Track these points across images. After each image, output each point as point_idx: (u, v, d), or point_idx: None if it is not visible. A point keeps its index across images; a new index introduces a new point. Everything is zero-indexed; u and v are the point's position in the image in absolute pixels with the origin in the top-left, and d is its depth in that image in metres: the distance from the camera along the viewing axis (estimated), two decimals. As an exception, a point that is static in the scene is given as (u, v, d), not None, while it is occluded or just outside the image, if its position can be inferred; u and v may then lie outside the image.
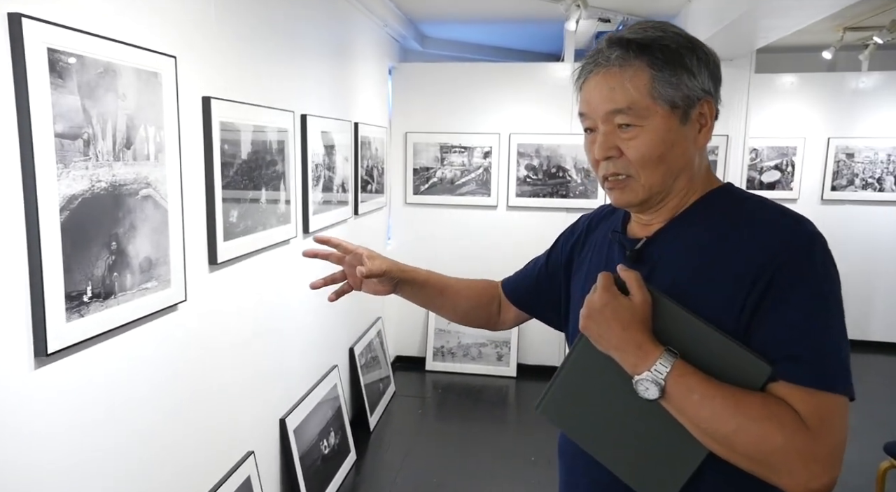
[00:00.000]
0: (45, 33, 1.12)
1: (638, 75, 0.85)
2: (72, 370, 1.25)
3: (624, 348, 0.83)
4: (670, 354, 0.80)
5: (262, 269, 2.14)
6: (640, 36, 0.86)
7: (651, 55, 0.84)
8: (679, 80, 0.84)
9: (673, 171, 0.87)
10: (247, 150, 1.96)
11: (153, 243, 1.47)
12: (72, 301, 1.21)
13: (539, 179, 4.11)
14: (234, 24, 1.88)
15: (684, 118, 0.86)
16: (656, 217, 0.92)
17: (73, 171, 1.20)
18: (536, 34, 4.62)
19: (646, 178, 0.87)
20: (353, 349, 3.29)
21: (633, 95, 0.85)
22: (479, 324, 1.27)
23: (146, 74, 1.42)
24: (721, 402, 0.77)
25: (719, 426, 0.77)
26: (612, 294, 0.85)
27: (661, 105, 0.85)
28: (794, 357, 0.77)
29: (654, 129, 0.85)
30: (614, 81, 0.86)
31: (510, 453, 3.14)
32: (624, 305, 0.84)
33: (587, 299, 0.87)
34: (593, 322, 0.86)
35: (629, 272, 0.86)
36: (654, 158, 0.86)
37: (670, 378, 0.79)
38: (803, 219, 0.85)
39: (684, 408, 0.79)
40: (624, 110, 0.85)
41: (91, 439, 1.31)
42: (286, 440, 2.35)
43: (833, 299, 0.79)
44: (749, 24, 2.84)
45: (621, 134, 0.87)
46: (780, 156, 4.65)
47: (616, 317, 0.83)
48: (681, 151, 0.87)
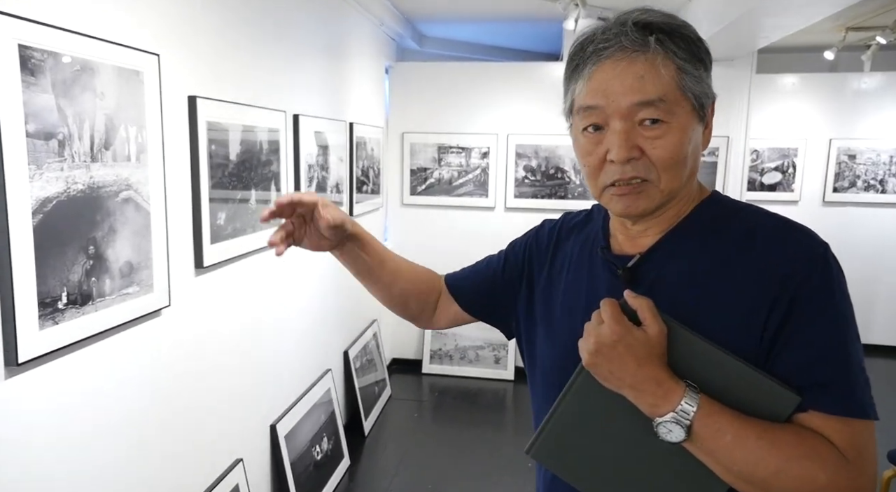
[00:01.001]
0: (15, 29, 1.07)
1: (666, 64, 0.73)
2: (47, 380, 1.20)
3: (640, 388, 0.72)
4: (693, 391, 0.71)
5: (252, 272, 2.09)
6: (663, 22, 0.74)
7: (675, 44, 0.73)
8: (700, 75, 0.75)
9: (690, 172, 0.77)
10: (235, 150, 1.91)
11: (134, 247, 1.42)
12: (45, 308, 1.16)
13: (537, 180, 4.06)
14: (222, 21, 1.84)
15: (702, 118, 0.77)
16: (649, 229, 0.81)
17: (46, 172, 1.15)
18: (535, 34, 4.57)
19: (666, 182, 0.75)
20: (347, 353, 3.24)
21: (665, 87, 0.73)
22: (409, 313, 1.12)
23: (127, 73, 1.38)
24: (756, 443, 0.68)
25: (756, 470, 0.68)
26: (626, 327, 0.73)
27: (687, 100, 0.74)
28: (824, 384, 0.70)
29: (681, 126, 0.74)
30: (643, 69, 0.73)
31: (507, 459, 3.09)
32: (639, 338, 0.72)
33: (594, 333, 0.74)
34: (603, 359, 0.74)
35: (641, 300, 0.74)
36: (680, 160, 0.75)
37: (697, 418, 0.70)
38: (810, 230, 0.77)
39: (715, 451, 0.70)
40: (655, 103, 0.73)
41: (70, 451, 1.27)
42: (277, 447, 2.30)
43: (852, 316, 0.73)
44: (750, 23, 2.79)
45: (643, 132, 0.74)
46: (782, 157, 4.60)
47: (631, 352, 0.72)
48: (697, 154, 0.78)
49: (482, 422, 3.57)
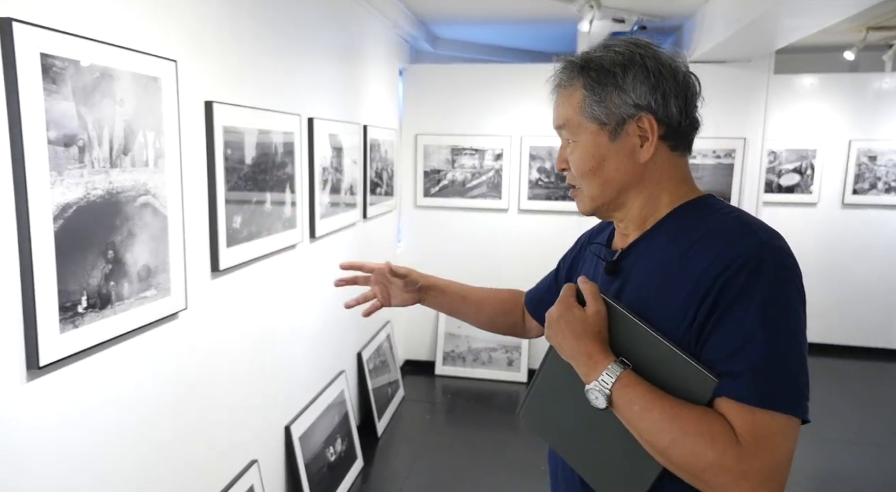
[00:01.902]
0: (37, 38, 1.09)
1: (574, 95, 0.92)
2: (67, 382, 1.22)
3: (576, 358, 0.87)
4: (619, 365, 0.83)
5: (267, 275, 2.11)
6: (580, 57, 0.92)
7: (586, 75, 0.90)
8: (606, 99, 0.88)
9: (612, 183, 0.91)
10: (251, 154, 1.93)
11: (152, 251, 1.44)
12: (66, 312, 1.18)
13: (551, 182, 4.05)
14: (238, 27, 1.85)
15: (614, 134, 0.89)
16: (630, 229, 0.95)
17: (67, 178, 1.17)
18: (549, 35, 4.55)
19: (586, 189, 0.93)
20: (360, 354, 3.25)
21: (568, 113, 0.92)
22: (505, 331, 1.32)
23: (145, 79, 1.39)
24: (658, 414, 0.78)
25: (656, 439, 0.79)
26: (567, 305, 0.90)
27: (590, 122, 0.90)
28: (734, 373, 0.77)
29: (584, 144, 0.91)
30: (558, 100, 0.95)
31: (520, 462, 3.09)
32: (577, 315, 0.88)
33: (548, 310, 0.92)
34: (552, 331, 0.91)
35: (587, 283, 0.90)
36: (587, 171, 0.91)
37: (615, 388, 0.82)
38: (762, 232, 0.83)
39: (628, 418, 0.82)
40: (563, 126, 0.94)
41: (89, 452, 1.29)
42: (291, 448, 2.32)
43: (781, 317, 0.78)
44: (769, 24, 2.76)
45: (567, 149, 0.94)
46: (800, 159, 4.54)
47: (569, 327, 0.88)
48: (615, 166, 0.90)
49: (495, 424, 3.56)
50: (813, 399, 0.79)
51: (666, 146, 0.90)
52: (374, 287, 1.30)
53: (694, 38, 3.70)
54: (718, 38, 3.18)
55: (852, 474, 3.03)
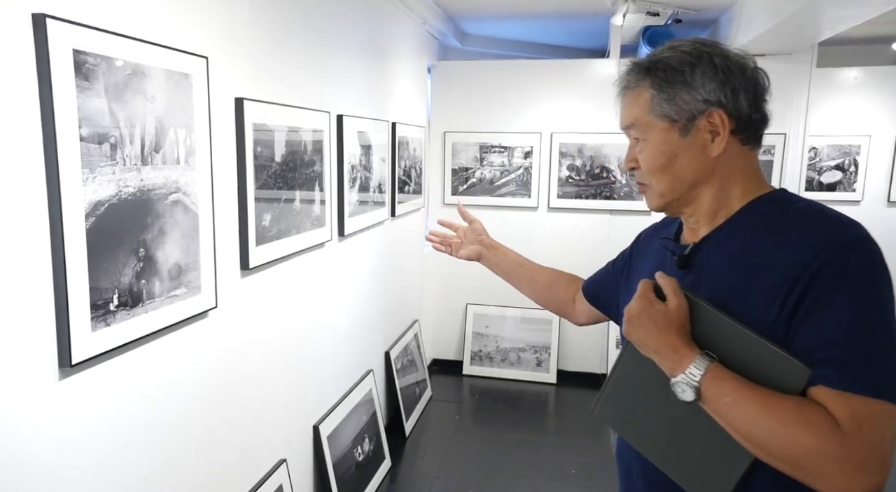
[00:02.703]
0: (70, 34, 1.08)
1: (641, 95, 0.94)
2: (98, 381, 1.21)
3: (661, 352, 0.87)
4: (706, 358, 0.83)
5: (295, 273, 2.10)
6: (647, 59, 0.95)
7: (654, 75, 0.93)
8: (675, 97, 0.91)
9: (683, 179, 0.93)
10: (280, 152, 1.91)
11: (183, 249, 1.43)
12: (97, 310, 1.17)
13: (582, 180, 3.97)
14: (268, 23, 1.84)
15: (685, 131, 0.91)
16: (700, 224, 0.96)
17: (99, 176, 1.16)
18: (580, 29, 4.47)
19: (657, 185, 0.95)
20: (388, 353, 3.23)
21: (637, 113, 0.95)
22: (553, 308, 1.40)
23: (177, 76, 1.39)
24: (754, 405, 0.78)
25: (752, 430, 0.79)
26: (648, 300, 0.90)
27: (659, 120, 0.93)
28: (830, 360, 0.77)
29: (654, 142, 0.94)
30: (626, 101, 0.98)
31: (549, 465, 3.03)
32: (659, 310, 0.88)
33: (627, 307, 0.93)
34: (633, 327, 0.91)
35: (666, 279, 0.91)
36: (657, 168, 0.94)
37: (704, 381, 0.82)
38: (849, 222, 0.84)
39: (719, 411, 0.82)
40: (631, 126, 0.97)
41: (119, 450, 1.28)
42: (319, 448, 2.31)
43: (875, 304, 0.78)
44: (812, 14, 2.65)
45: (636, 148, 0.97)
46: (843, 155, 4.38)
47: (652, 322, 0.88)
48: (686, 161, 0.92)
49: (524, 425, 3.51)
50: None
51: (737, 140, 0.92)
52: (452, 239, 1.51)
53: (732, 31, 3.59)
54: (758, 31, 3.07)
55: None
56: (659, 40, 4.08)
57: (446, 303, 4.24)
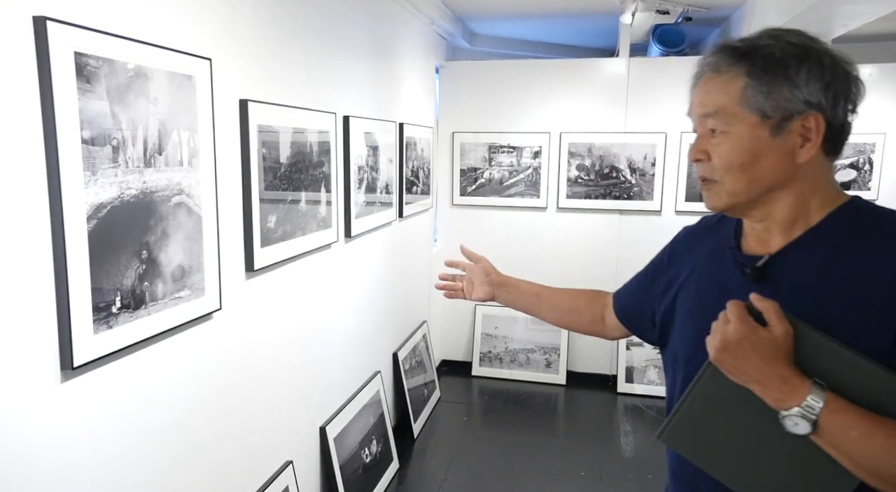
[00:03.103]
0: (72, 37, 1.08)
1: (732, 82, 0.85)
2: (101, 383, 1.21)
3: (766, 383, 0.79)
4: (819, 388, 0.77)
5: (301, 275, 2.09)
6: (744, 43, 0.86)
7: (751, 62, 0.83)
8: (775, 90, 0.82)
9: (762, 182, 0.85)
10: (286, 153, 1.91)
11: (186, 251, 1.43)
12: (99, 312, 1.17)
13: (591, 180, 3.94)
14: (273, 25, 1.84)
15: (777, 130, 0.83)
16: (773, 233, 0.89)
17: (101, 178, 1.16)
18: (589, 28, 4.44)
19: (729, 184, 0.86)
20: (396, 355, 3.23)
21: (723, 101, 0.85)
22: (583, 329, 1.31)
23: (180, 78, 1.38)
24: (884, 440, 0.73)
25: (883, 465, 0.74)
26: (751, 327, 0.80)
27: (750, 113, 0.84)
28: None
29: (739, 136, 0.85)
30: (710, 86, 0.87)
31: (559, 467, 3.01)
32: (764, 337, 0.79)
33: (720, 331, 0.82)
34: (729, 355, 0.81)
35: (767, 302, 0.81)
36: (736, 166, 0.85)
37: (823, 414, 0.76)
38: None
39: (841, 445, 0.76)
40: (712, 115, 0.87)
41: (123, 453, 1.28)
42: (326, 449, 2.30)
43: None
44: (825, 11, 2.60)
45: (711, 139, 0.87)
46: (857, 153, 4.31)
47: (756, 350, 0.79)
48: (770, 163, 0.84)
49: (533, 427, 3.49)
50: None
51: (822, 149, 0.85)
52: (462, 280, 1.40)
53: (743, 29, 3.55)
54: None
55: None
56: (669, 39, 4.04)
57: (455, 304, 4.22)
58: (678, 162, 3.80)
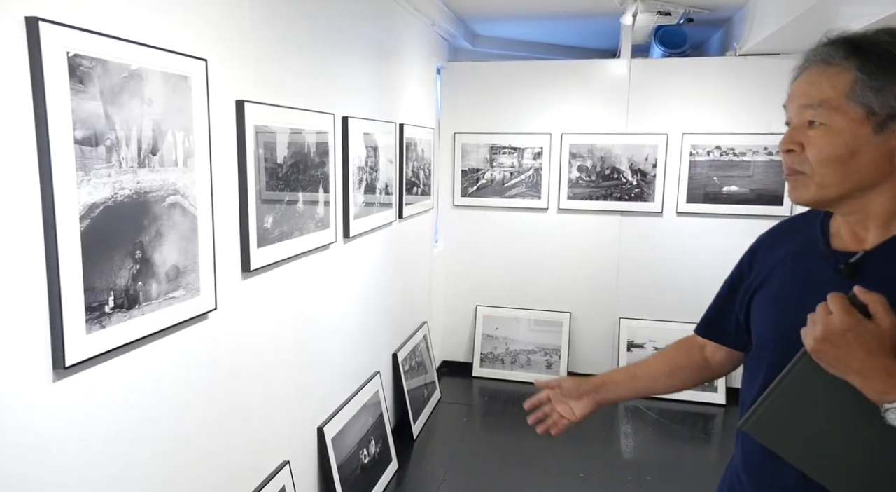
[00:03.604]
0: (64, 37, 1.09)
1: (841, 75, 0.85)
2: (94, 383, 1.22)
3: (869, 375, 0.79)
4: None
5: (299, 275, 2.10)
6: (858, 36, 0.86)
7: (864, 58, 0.83)
8: (886, 88, 0.82)
9: (855, 177, 0.85)
10: (283, 153, 1.91)
11: (181, 251, 1.43)
12: (92, 312, 1.18)
13: (592, 181, 3.94)
14: (271, 25, 1.84)
15: (881, 127, 0.83)
16: (869, 229, 0.89)
17: (94, 178, 1.17)
18: (591, 30, 4.43)
19: (821, 177, 0.86)
20: (396, 355, 3.23)
21: (829, 93, 0.85)
22: (692, 381, 1.27)
23: (175, 78, 1.39)
24: None
25: None
26: (856, 319, 0.79)
27: (856, 108, 0.84)
28: None
29: (839, 130, 0.84)
30: (815, 77, 0.87)
31: (558, 468, 3.00)
32: (871, 330, 0.79)
33: (822, 322, 0.81)
34: (831, 346, 0.81)
35: (872, 295, 0.80)
36: (832, 159, 0.85)
37: None
38: None
39: None
40: (814, 106, 0.86)
41: (116, 453, 1.29)
42: (324, 449, 2.30)
43: None
44: (827, 12, 2.59)
45: (809, 131, 0.87)
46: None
47: (860, 342, 0.79)
48: (867, 160, 0.84)
49: (533, 429, 3.46)
50: None
51: None
52: (557, 406, 1.34)
53: (745, 30, 3.54)
54: (772, 29, 3.01)
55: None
56: (671, 40, 4.03)
57: (456, 305, 4.23)
58: (679, 163, 3.79)
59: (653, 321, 3.91)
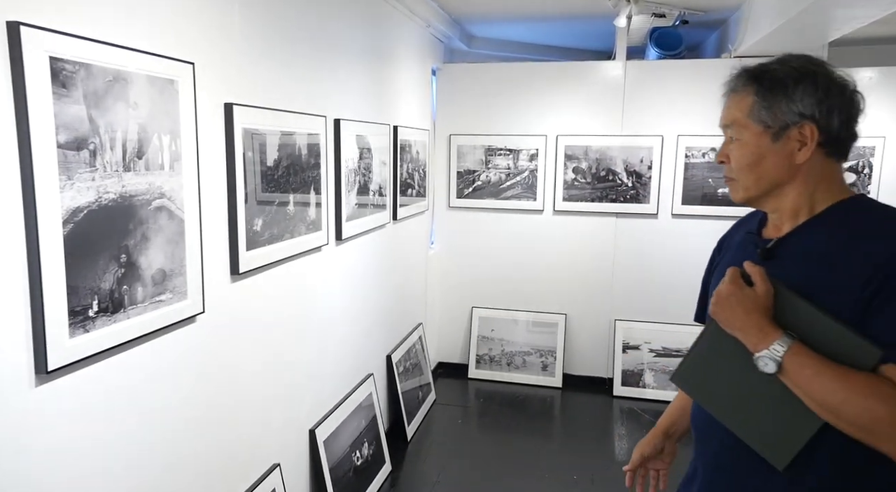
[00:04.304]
0: (46, 42, 1.09)
1: (744, 99, 1.06)
2: (78, 387, 1.22)
3: (746, 330, 0.99)
4: (788, 336, 0.96)
5: (290, 278, 2.10)
6: (755, 67, 1.06)
7: (759, 83, 1.04)
8: (775, 105, 1.02)
9: (766, 179, 1.05)
10: (273, 156, 1.91)
11: (167, 254, 1.43)
12: (76, 316, 1.18)
13: (587, 183, 3.93)
14: (261, 27, 1.84)
15: (777, 137, 1.02)
16: (783, 221, 1.08)
17: (77, 182, 1.17)
18: (587, 31, 4.43)
19: (742, 181, 1.07)
20: (390, 357, 3.23)
21: (736, 115, 1.07)
22: None
23: (161, 82, 1.39)
24: (830, 377, 0.91)
25: (828, 398, 0.92)
26: (738, 285, 1.02)
27: (755, 124, 1.04)
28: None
29: (747, 143, 1.05)
30: (729, 102, 1.09)
31: (552, 470, 3.00)
32: (748, 294, 1.01)
33: (716, 290, 1.05)
34: (720, 308, 1.03)
35: (754, 267, 1.03)
36: (745, 166, 1.06)
37: (787, 356, 0.95)
38: None
39: (798, 381, 0.94)
40: (730, 126, 1.08)
41: (101, 458, 1.28)
42: (316, 452, 2.30)
43: None
44: (819, 14, 2.59)
45: (730, 146, 1.08)
46: (856, 157, 4.28)
47: (740, 304, 1.00)
48: (772, 164, 1.04)
49: (528, 430, 3.48)
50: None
51: (822, 152, 1.02)
52: (653, 467, 1.36)
53: (740, 32, 3.53)
54: (765, 31, 3.01)
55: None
56: (666, 42, 4.03)
57: (452, 306, 4.23)
58: (675, 165, 3.78)
59: (648, 323, 3.91)
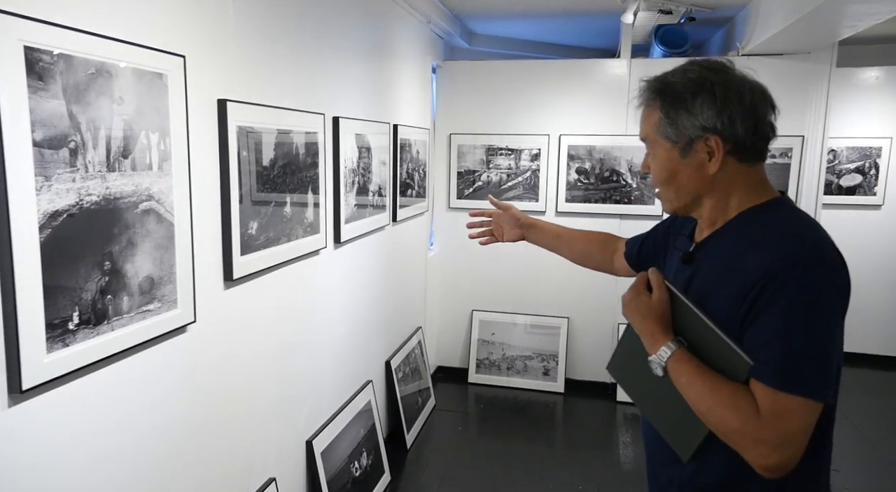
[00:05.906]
0: (21, 29, 0.99)
1: (653, 114, 1.07)
2: (57, 406, 1.12)
3: (643, 334, 1.08)
4: (675, 343, 1.03)
5: (287, 283, 2.00)
6: (660, 81, 1.06)
7: (662, 98, 1.05)
8: (677, 122, 1.03)
9: (685, 191, 1.07)
10: (269, 156, 1.82)
11: (156, 261, 1.34)
12: (54, 330, 1.08)
13: (591, 184, 3.85)
14: (256, 20, 1.74)
15: (684, 151, 1.04)
16: (704, 228, 1.11)
17: (56, 184, 1.07)
18: (591, 28, 4.34)
19: (664, 194, 1.10)
20: (389, 363, 3.13)
21: (647, 130, 1.09)
22: (595, 267, 1.58)
23: (149, 76, 1.29)
24: (700, 386, 0.97)
25: (698, 405, 0.98)
26: (637, 292, 1.11)
27: (663, 140, 1.06)
28: (762, 360, 0.93)
29: (659, 158, 1.08)
30: (642, 117, 1.10)
31: (556, 479, 2.91)
32: (643, 300, 1.09)
33: (622, 295, 1.13)
34: (626, 311, 1.12)
35: (655, 274, 1.10)
36: (661, 180, 1.09)
37: (669, 362, 1.03)
38: (805, 241, 0.96)
39: (678, 386, 1.01)
40: (644, 140, 1.11)
41: (87, 481, 1.19)
42: (313, 464, 2.21)
43: (805, 317, 0.91)
44: (831, 12, 2.51)
45: (649, 159, 1.11)
46: (863, 158, 4.21)
47: (637, 310, 1.09)
48: (686, 177, 1.05)
49: (530, 437, 3.39)
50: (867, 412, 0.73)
51: (734, 159, 1.02)
52: (494, 226, 1.68)
53: (748, 30, 3.45)
54: (775, 29, 2.93)
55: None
56: (672, 39, 3.94)
57: (451, 309, 4.14)
58: (680, 166, 3.70)
59: (652, 327, 3.82)
